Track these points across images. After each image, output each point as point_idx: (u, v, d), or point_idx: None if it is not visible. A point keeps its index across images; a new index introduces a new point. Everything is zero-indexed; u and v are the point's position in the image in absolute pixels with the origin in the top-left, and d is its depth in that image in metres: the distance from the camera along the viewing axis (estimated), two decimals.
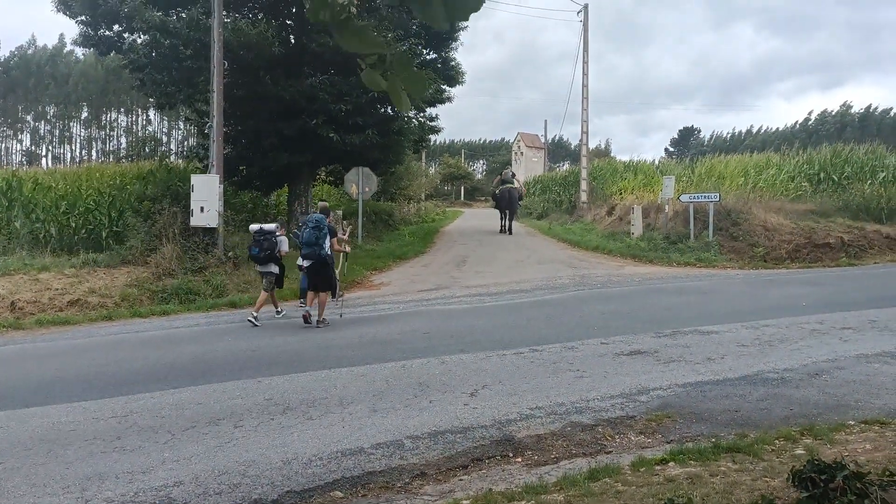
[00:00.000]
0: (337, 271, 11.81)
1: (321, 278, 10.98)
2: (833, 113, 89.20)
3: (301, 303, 12.28)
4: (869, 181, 23.69)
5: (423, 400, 6.49)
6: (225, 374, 7.72)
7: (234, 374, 7.70)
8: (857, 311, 10.58)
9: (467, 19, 2.07)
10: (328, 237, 10.98)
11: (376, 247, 21.04)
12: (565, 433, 5.59)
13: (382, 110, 21.45)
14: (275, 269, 11.66)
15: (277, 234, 11.65)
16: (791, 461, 4.33)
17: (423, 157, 58.99)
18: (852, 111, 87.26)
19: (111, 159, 62.67)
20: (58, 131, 76.99)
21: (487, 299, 13.08)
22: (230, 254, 15.24)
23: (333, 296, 11.60)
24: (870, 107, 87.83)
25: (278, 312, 11.87)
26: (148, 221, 15.56)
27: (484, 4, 2.04)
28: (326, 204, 13.32)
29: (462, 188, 71.79)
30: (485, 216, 39.42)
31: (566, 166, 68.91)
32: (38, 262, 14.36)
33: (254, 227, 11.91)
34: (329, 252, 11.00)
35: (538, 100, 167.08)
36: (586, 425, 5.75)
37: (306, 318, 10.84)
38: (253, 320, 10.84)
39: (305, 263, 11.02)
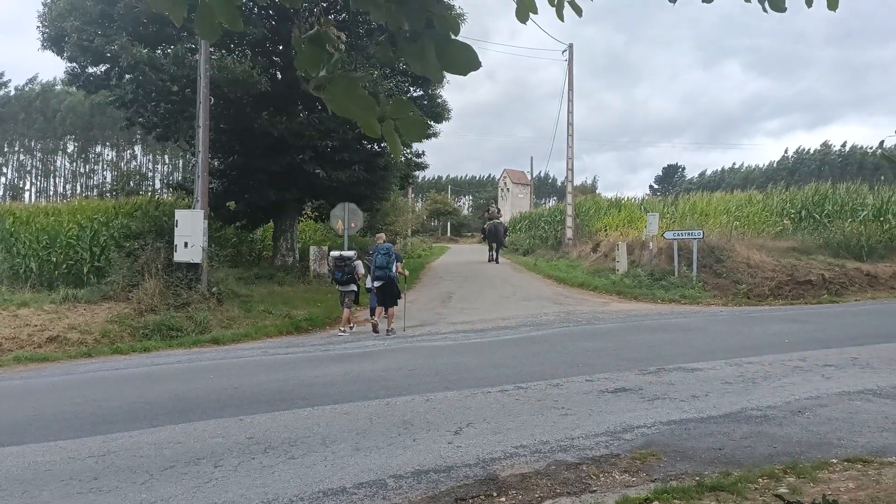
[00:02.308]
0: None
1: (389, 295, 13.51)
2: (811, 151, 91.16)
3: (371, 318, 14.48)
4: (849, 219, 24.05)
5: (406, 438, 6.43)
6: (206, 412, 7.61)
7: (215, 412, 7.59)
8: (838, 349, 10.66)
9: (465, 75, 2.10)
10: (395, 262, 13.48)
11: (362, 283, 20.96)
12: (549, 472, 5.55)
13: (369, 146, 21.64)
14: (354, 287, 13.91)
15: (355, 259, 13.83)
16: (773, 500, 4.32)
17: (410, 192, 59.27)
18: (833, 149, 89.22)
19: (95, 193, 62.48)
20: (41, 164, 76.72)
21: (473, 336, 13.05)
22: (214, 289, 15.13)
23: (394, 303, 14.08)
24: (845, 144, 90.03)
25: (351, 328, 14.00)
26: (130, 257, 15.42)
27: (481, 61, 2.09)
28: (384, 235, 15.65)
29: (448, 224, 72.02)
30: (471, 252, 39.54)
31: (552, 203, 69.49)
32: (18, 297, 14.19)
33: (334, 254, 14.20)
34: (395, 274, 13.49)
35: (528, 137, 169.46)
36: (571, 464, 5.71)
37: (375, 327, 13.73)
38: (343, 332, 13.57)
39: (377, 284, 13.44)
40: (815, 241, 22.43)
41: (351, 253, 14.11)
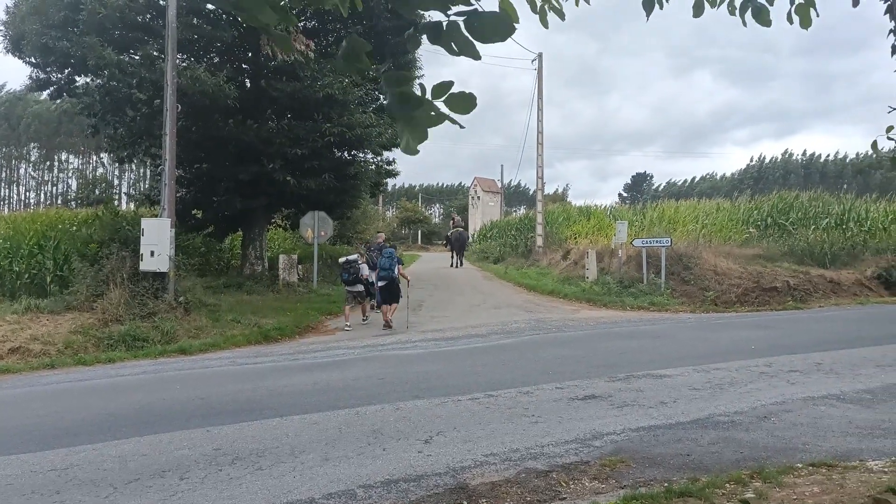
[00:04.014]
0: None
1: (392, 293, 15.11)
2: (772, 160, 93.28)
3: (377, 310, 16.28)
4: (813, 227, 24.57)
5: (376, 448, 6.38)
6: (172, 423, 7.48)
7: (181, 423, 7.47)
8: (803, 354, 10.85)
9: (504, 40, 2.13)
10: (397, 265, 15.06)
11: (331, 291, 20.83)
12: (520, 480, 5.55)
13: (339, 154, 21.51)
14: (361, 287, 15.64)
15: (360, 262, 15.48)
16: None
17: (381, 200, 59.13)
18: (794, 158, 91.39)
19: (60, 202, 61.32)
20: (4, 173, 75.10)
21: (443, 344, 13.03)
22: (181, 299, 14.89)
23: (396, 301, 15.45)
24: (805, 152, 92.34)
25: (364, 320, 16.15)
26: (95, 266, 15.09)
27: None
28: (384, 234, 18.00)
29: (419, 232, 72.00)
30: (442, 259, 39.55)
31: (523, 211, 69.83)
32: None
33: (341, 259, 15.97)
34: (396, 275, 15.01)
35: (500, 145, 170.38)
36: (541, 471, 5.72)
37: (388, 324, 14.93)
38: (349, 328, 15.23)
39: (381, 284, 15.03)
40: (780, 248, 22.85)
41: (355, 256, 15.91)
